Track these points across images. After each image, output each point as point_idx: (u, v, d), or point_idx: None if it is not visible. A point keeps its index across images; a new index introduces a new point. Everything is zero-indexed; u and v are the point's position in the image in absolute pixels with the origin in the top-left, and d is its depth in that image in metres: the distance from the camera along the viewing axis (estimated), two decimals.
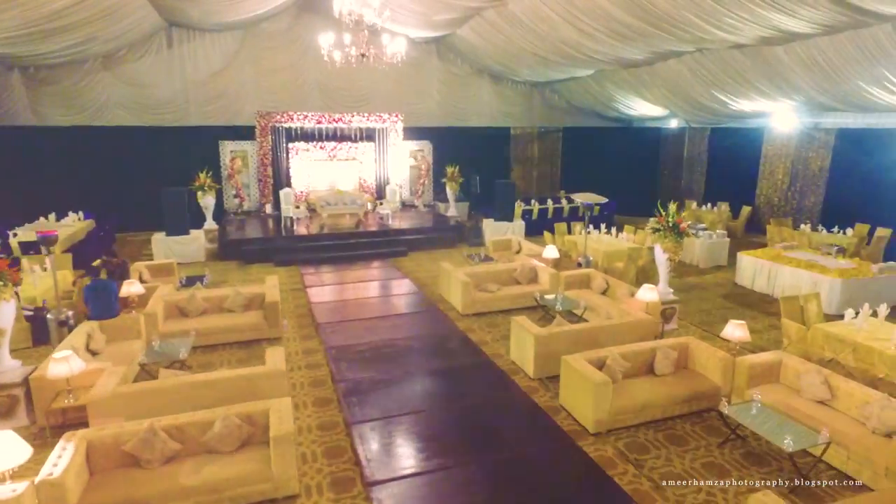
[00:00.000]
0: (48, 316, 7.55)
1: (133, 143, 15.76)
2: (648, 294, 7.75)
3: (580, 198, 10.37)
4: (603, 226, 13.39)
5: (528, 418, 6.09)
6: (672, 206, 8.30)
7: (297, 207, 14.79)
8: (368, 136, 17.08)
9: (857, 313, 7.08)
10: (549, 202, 16.47)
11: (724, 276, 11.62)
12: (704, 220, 14.42)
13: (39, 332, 7.99)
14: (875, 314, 7.15)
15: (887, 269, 9.56)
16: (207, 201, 14.07)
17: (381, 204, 15.81)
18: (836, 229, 12.72)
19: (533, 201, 16.40)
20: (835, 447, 5.05)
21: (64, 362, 5.42)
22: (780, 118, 14.61)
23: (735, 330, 6.38)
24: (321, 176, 16.77)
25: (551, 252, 10.18)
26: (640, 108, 18.02)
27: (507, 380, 6.91)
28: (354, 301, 10.06)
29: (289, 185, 16.32)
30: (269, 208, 16.09)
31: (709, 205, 16.22)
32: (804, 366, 5.94)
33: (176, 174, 14.65)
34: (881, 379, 5.98)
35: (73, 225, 13.27)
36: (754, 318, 9.19)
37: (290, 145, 16.42)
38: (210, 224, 14.22)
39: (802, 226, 13.22)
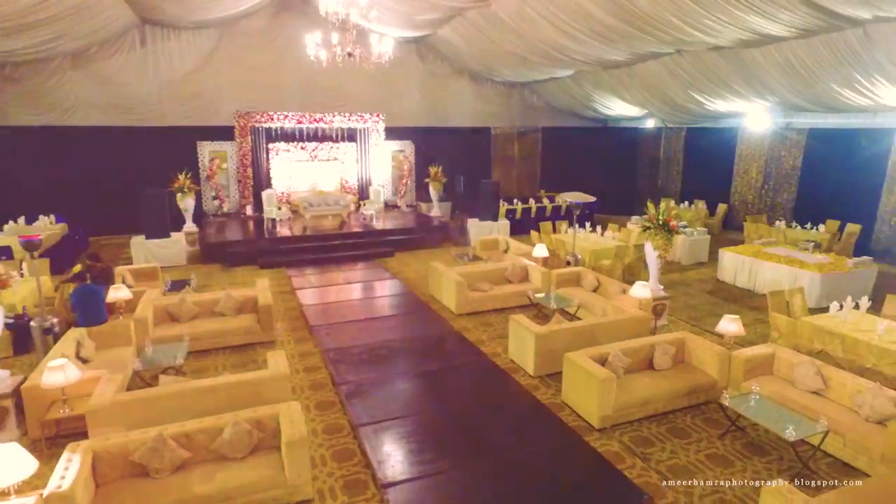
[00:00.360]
0: (32, 323, 7.25)
1: (106, 143, 15.29)
2: (641, 291, 7.90)
3: (569, 197, 10.51)
4: (588, 224, 13.56)
5: (533, 415, 6.14)
6: (662, 205, 8.48)
7: (280, 209, 14.58)
8: (350, 136, 16.96)
9: (841, 306, 7.37)
10: (532, 202, 16.63)
11: (707, 272, 11.93)
12: (683, 218, 14.75)
13: (21, 340, 7.69)
14: (857, 307, 7.45)
15: (861, 263, 9.97)
16: (187, 203, 13.77)
17: (365, 205, 15.70)
18: (808, 225, 13.19)
19: (516, 201, 16.54)
20: (831, 435, 5.23)
21: (59, 371, 5.22)
22: (754, 118, 15.07)
23: (729, 324, 6.57)
24: (302, 177, 16.57)
25: (541, 251, 10.28)
26: (618, 108, 18.35)
27: (509, 378, 6.96)
28: (346, 302, 9.98)
29: (269, 186, 16.06)
30: (249, 210, 15.80)
31: (686, 203, 16.62)
32: (797, 358, 6.16)
33: (152, 176, 14.27)
34: (869, 368, 6.23)
35: (47, 229, 12.80)
36: (739, 313, 9.28)
37: (271, 146, 16.18)
38: (190, 226, 13.91)
39: (777, 222, 13.66)
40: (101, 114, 15.56)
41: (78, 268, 9.18)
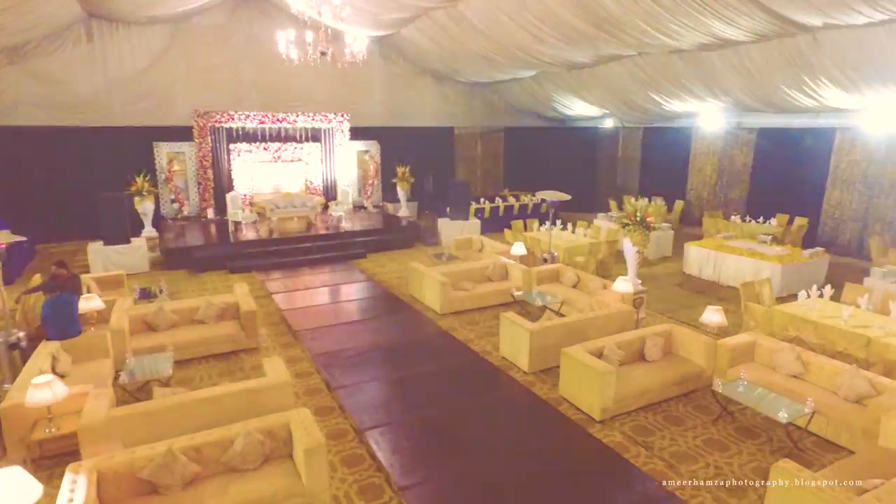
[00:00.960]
0: None
1: (50, 145, 14.40)
2: (624, 286, 8.16)
3: (545, 195, 10.70)
4: (559, 222, 13.81)
5: (534, 411, 6.24)
6: (639, 202, 8.77)
7: (245, 211, 14.14)
8: (314, 136, 16.64)
9: (808, 294, 7.87)
10: (498, 200, 16.84)
11: (673, 266, 12.42)
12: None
13: None
14: (821, 295, 7.97)
15: (815, 254, 10.67)
16: (146, 207, 13.19)
17: (333, 206, 15.45)
18: (761, 220, 13.96)
19: (482, 200, 16.70)
20: (815, 415, 5.58)
21: (46, 388, 4.89)
22: (708, 118, 15.78)
23: (713, 315, 6.91)
24: (265, 178, 16.12)
25: (519, 249, 10.44)
26: (578, 108, 18.81)
27: (505, 375, 7.04)
28: (327, 306, 9.80)
29: (231, 188, 15.55)
30: (210, 213, 15.24)
31: (645, 200, 17.22)
32: (777, 345, 6.53)
33: (104, 178, 13.61)
34: (840, 352, 6.69)
35: None
36: (708, 304, 9.88)
37: (232, 146, 15.66)
38: (150, 231, 13.32)
39: (733, 217, 14.40)
40: (43, 113, 14.62)
41: (38, 278, 8.64)
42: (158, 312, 7.61)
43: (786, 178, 14.43)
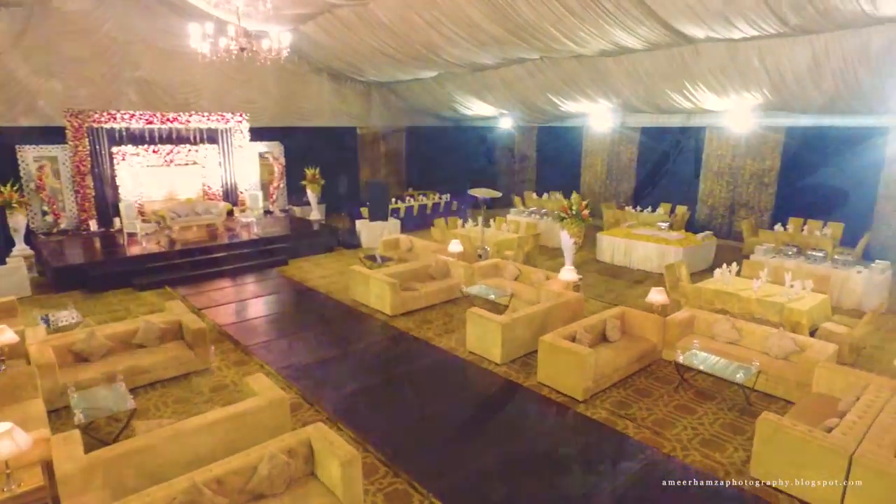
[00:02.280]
0: None
1: None
2: (569, 274, 8.76)
3: (477, 193, 11.03)
4: (482, 218, 14.23)
5: (523, 399, 6.50)
6: (575, 196, 9.45)
7: (145, 221, 12.71)
8: (210, 137, 15.37)
9: (722, 273, 9.05)
10: (410, 199, 16.93)
11: (586, 254, 13.44)
12: (545, 207, 16.33)
13: None
14: (729, 272, 9.21)
15: (706, 237, 12.24)
16: (17, 221, 11.32)
17: (239, 212, 14.45)
18: (649, 209, 15.62)
19: (395, 200, 16.67)
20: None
21: (6, 439, 4.12)
22: (597, 118, 17.24)
23: (657, 295, 7.68)
24: (156, 183, 14.56)
25: (456, 246, 10.66)
26: (476, 108, 19.49)
27: (481, 369, 7.22)
28: (269, 317, 9.22)
29: (116, 195, 13.86)
30: (93, 225, 13.44)
31: (546, 195, 18.38)
32: (713, 317, 7.47)
33: None
34: (758, 318, 7.82)
35: None
36: (629, 286, 10.97)
37: (115, 149, 13.91)
38: (23, 249, 11.46)
39: (627, 208, 15.92)
40: None
41: None
42: (89, 339, 6.65)
43: (666, 172, 16.30)
